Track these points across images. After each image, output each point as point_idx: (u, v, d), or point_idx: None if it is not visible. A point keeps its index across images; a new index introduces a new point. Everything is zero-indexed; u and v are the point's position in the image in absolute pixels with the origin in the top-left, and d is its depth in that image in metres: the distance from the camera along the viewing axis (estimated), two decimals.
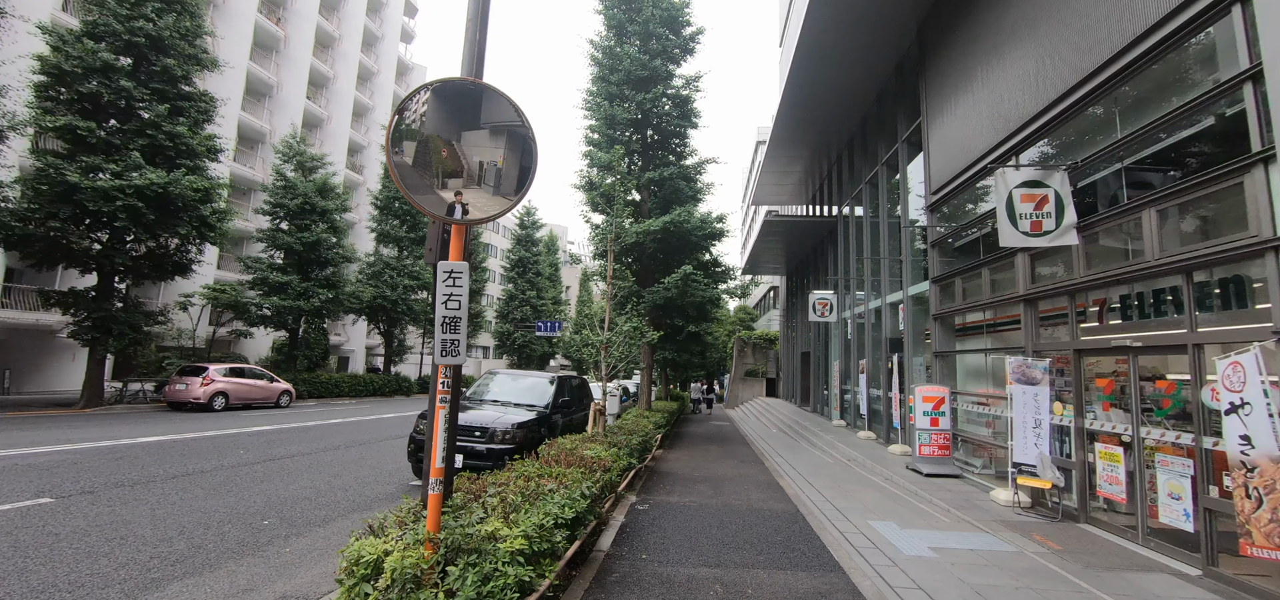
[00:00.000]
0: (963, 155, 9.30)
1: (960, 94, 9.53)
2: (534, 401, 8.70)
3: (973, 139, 9.00)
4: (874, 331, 14.29)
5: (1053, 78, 7.05)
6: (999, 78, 8.33)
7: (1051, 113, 7.03)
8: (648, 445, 8.90)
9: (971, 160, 8.94)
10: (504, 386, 9.31)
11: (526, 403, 8.65)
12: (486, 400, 8.81)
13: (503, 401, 8.72)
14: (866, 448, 11.85)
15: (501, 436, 7.34)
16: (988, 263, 8.55)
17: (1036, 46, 7.42)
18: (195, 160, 16.25)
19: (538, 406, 8.59)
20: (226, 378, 16.97)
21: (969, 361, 10.09)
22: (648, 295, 12.93)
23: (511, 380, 9.46)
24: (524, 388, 9.20)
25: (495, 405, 8.55)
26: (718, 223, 14.06)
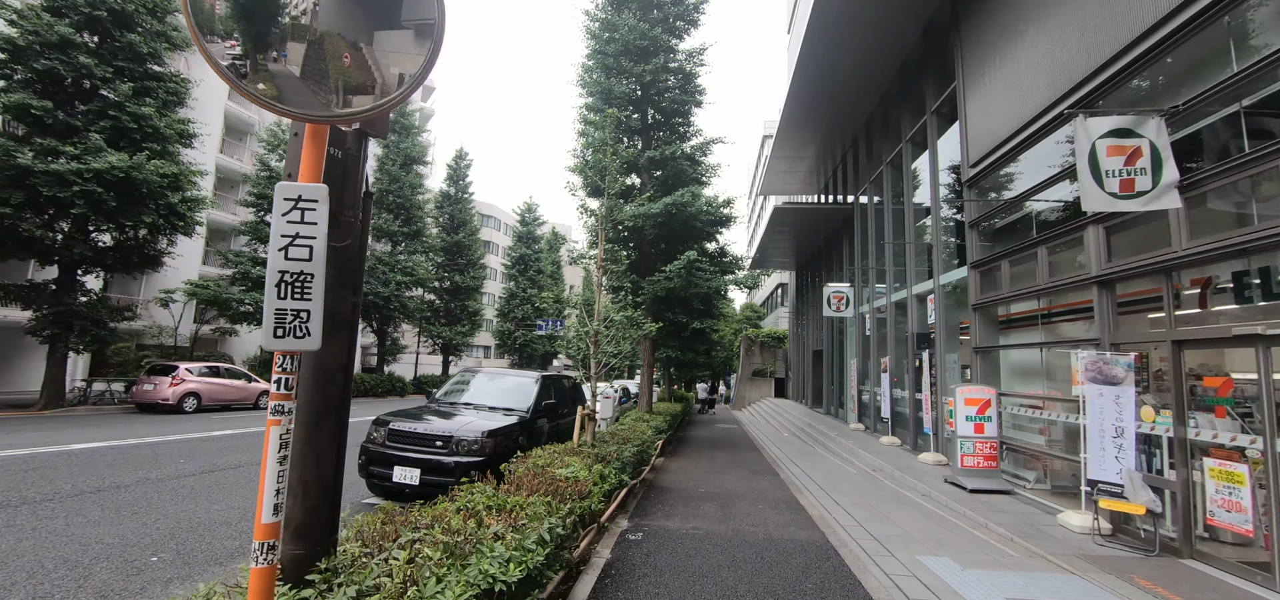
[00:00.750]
0: (1010, 118, 8.01)
1: (1008, 45, 8.24)
2: (513, 404, 7.48)
3: (1024, 96, 7.71)
4: (897, 326, 12.99)
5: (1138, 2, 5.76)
6: (1062, 15, 7.03)
7: (1138, 48, 5.74)
8: (645, 456, 7.67)
9: (1023, 121, 7.65)
10: (480, 387, 8.10)
11: (505, 406, 7.44)
12: (458, 404, 7.60)
13: (477, 405, 7.51)
14: (892, 455, 10.56)
15: (469, 447, 6.12)
16: (1044, 241, 7.27)
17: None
18: (164, 144, 15.14)
19: (518, 410, 7.38)
20: (199, 377, 15.87)
21: (1016, 358, 8.80)
22: (647, 286, 11.70)
23: (489, 380, 8.25)
24: (503, 389, 7.99)
25: (468, 410, 7.34)
26: (724, 207, 12.82)
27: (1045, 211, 7.63)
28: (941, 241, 10.60)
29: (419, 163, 29.31)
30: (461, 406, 7.47)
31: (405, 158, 27.96)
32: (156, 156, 14.69)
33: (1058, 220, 7.27)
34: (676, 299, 12.37)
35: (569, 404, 8.88)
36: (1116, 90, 6.25)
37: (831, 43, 12.05)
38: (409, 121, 28.82)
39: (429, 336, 32.12)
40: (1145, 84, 6.04)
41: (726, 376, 42.76)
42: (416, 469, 6.02)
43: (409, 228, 27.92)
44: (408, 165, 28.23)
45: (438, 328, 31.90)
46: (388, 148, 27.93)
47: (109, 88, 14.42)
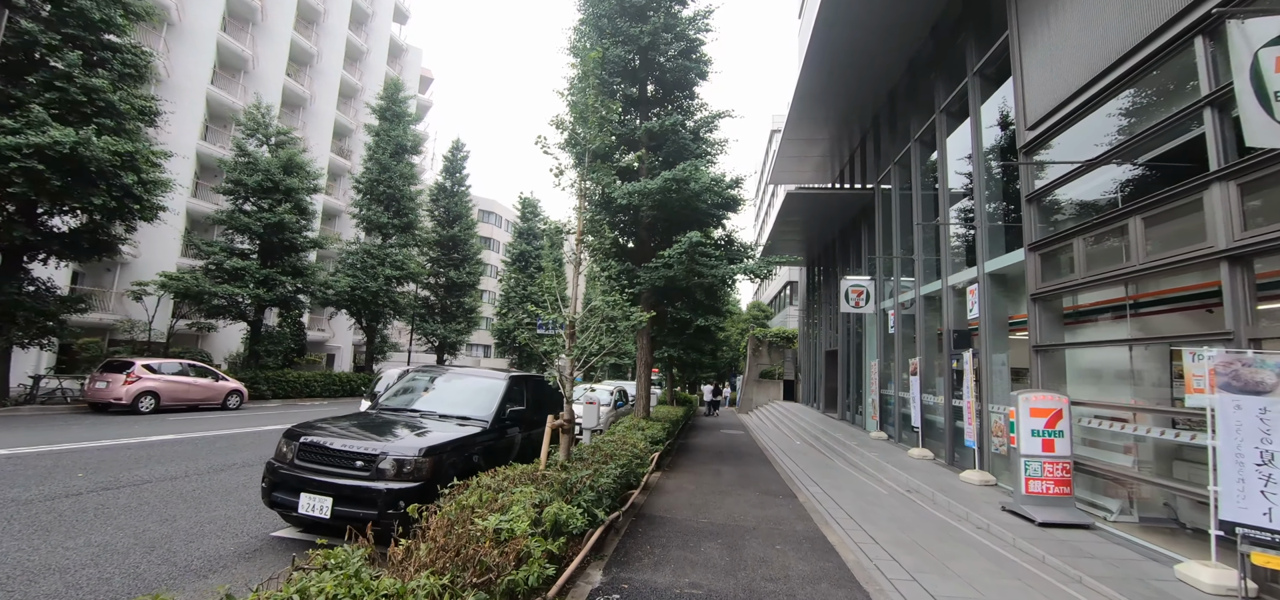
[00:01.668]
0: (1089, 58, 6.50)
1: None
2: (472, 412, 6.04)
3: (1114, 24, 6.19)
4: (928, 323, 11.47)
5: None
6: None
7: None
8: (632, 478, 6.21)
9: (1112, 58, 6.13)
10: (437, 389, 6.67)
11: (460, 413, 6.00)
12: (404, 411, 6.17)
13: (426, 412, 6.09)
14: (927, 472, 9.05)
15: (400, 469, 4.69)
16: (1139, 209, 5.75)
17: None
18: (118, 120, 13.83)
19: (477, 419, 5.94)
20: (158, 375, 14.57)
21: (1085, 359, 7.27)
22: (644, 275, 10.24)
23: (446, 381, 6.82)
24: (462, 392, 6.55)
25: (413, 418, 5.92)
26: (732, 188, 11.33)
27: (1140, 174, 6.12)
28: (986, 223, 9.07)
29: (411, 152, 28.00)
30: (406, 414, 6.04)
31: (396, 146, 26.64)
32: (109, 133, 13.38)
33: (1159, 181, 5.76)
34: (677, 290, 10.90)
35: (543, 410, 7.42)
36: None
37: (851, 4, 10.57)
38: (401, 109, 27.51)
39: (423, 334, 30.80)
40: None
41: (732, 378, 41.24)
42: (328, 498, 4.60)
43: (400, 219, 26.60)
44: (399, 154, 26.92)
45: (432, 325, 30.56)
46: (377, 135, 26.66)
47: (57, 57, 13.16)
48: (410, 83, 37.94)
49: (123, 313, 21.82)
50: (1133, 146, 5.99)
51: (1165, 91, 5.86)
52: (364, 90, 34.73)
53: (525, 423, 6.76)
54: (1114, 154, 6.29)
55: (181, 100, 24.11)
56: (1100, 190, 6.83)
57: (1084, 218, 6.81)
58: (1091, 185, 6.89)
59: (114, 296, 22.25)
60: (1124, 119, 6.37)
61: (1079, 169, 6.77)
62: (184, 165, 24.06)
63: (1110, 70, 6.12)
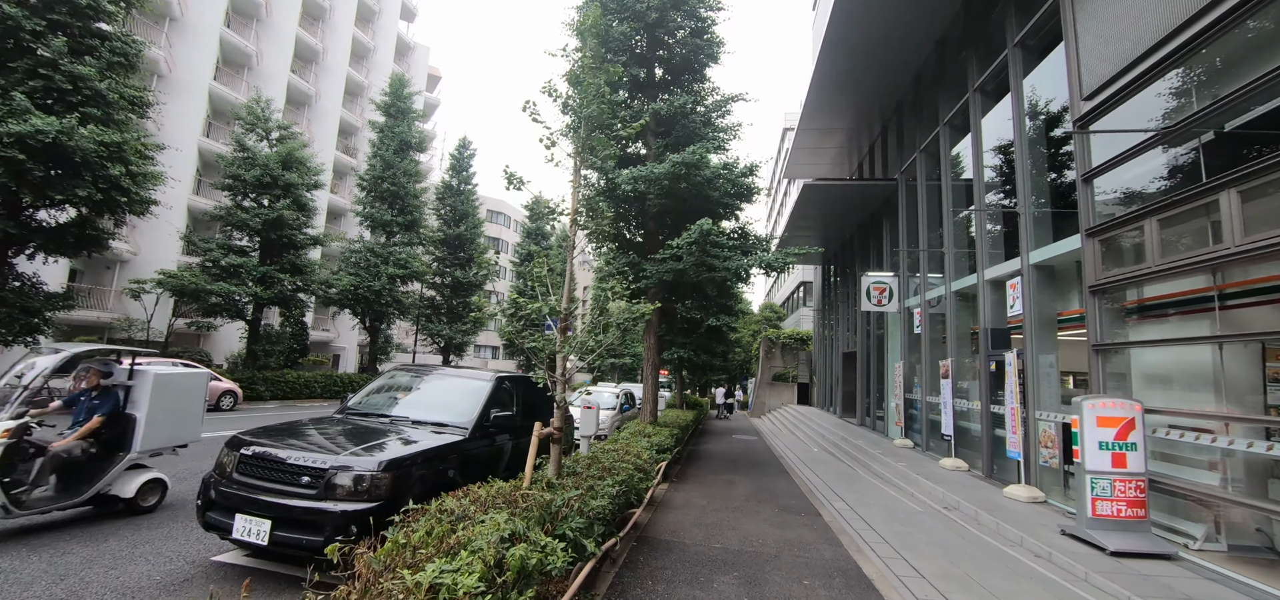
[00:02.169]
0: (1156, 20, 5.60)
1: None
2: (449, 418, 5.27)
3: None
4: (960, 321, 10.55)
5: None
6: None
7: None
8: (634, 494, 5.40)
9: (1189, 13, 5.23)
10: (413, 392, 5.93)
11: (436, 419, 5.24)
12: (373, 416, 5.42)
13: (397, 417, 5.33)
14: (963, 486, 8.15)
15: (352, 487, 3.94)
16: (1235, 180, 4.85)
17: None
18: (106, 109, 13.32)
19: (454, 426, 5.17)
20: None
21: (1151, 360, 6.35)
22: (651, 268, 9.44)
23: (427, 383, 6.07)
24: (440, 395, 5.80)
25: (381, 423, 5.17)
26: (746, 176, 10.50)
27: (1228, 143, 5.21)
28: (1031, 209, 8.16)
29: (416, 149, 27.46)
30: (375, 420, 5.29)
31: (400, 142, 26.10)
32: (96, 123, 12.86)
33: (1248, 150, 4.86)
34: (687, 285, 10.08)
35: (534, 415, 6.63)
36: None
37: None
38: (406, 105, 26.98)
39: (428, 335, 30.22)
40: None
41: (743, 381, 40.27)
42: (266, 520, 3.85)
43: (404, 217, 26.01)
44: (403, 150, 26.37)
45: (437, 326, 29.96)
46: (381, 131, 26.15)
47: (42, 44, 12.68)
48: (417, 81, 37.49)
49: (122, 311, 21.43)
50: (1224, 108, 5.09)
51: (1266, 42, 4.96)
52: (370, 88, 34.30)
53: (516, 430, 5.98)
54: (1203, 116, 5.37)
55: (184, 96, 23.78)
56: (1171, 166, 5.92)
57: (1154, 196, 5.90)
58: (1156, 163, 5.98)
59: (114, 295, 21.88)
60: (1203, 82, 5.47)
61: (1154, 137, 5.86)
62: (186, 162, 23.74)
63: (1193, 22, 5.22)
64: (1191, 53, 5.39)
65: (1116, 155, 6.33)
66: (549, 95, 5.69)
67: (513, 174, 5.26)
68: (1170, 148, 5.83)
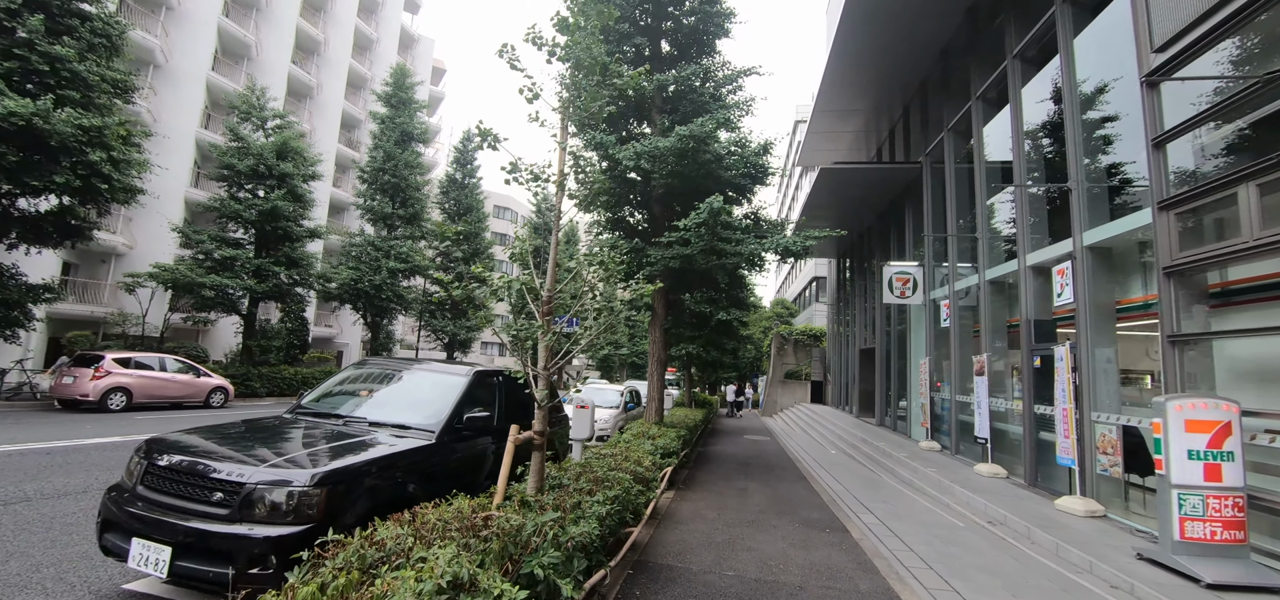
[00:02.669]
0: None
1: None
2: (414, 419, 4.49)
3: None
4: (995, 312, 9.62)
5: None
6: None
7: None
8: (631, 509, 4.57)
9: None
10: (378, 388, 5.15)
11: (397, 420, 4.45)
12: (323, 416, 4.65)
13: (351, 418, 4.55)
14: (1008, 497, 7.25)
15: (275, 507, 3.16)
16: None
17: None
18: (86, 92, 12.72)
19: (418, 429, 4.39)
20: (131, 370, 13.45)
21: (1245, 352, 5.43)
22: (655, 253, 8.61)
23: (392, 378, 5.28)
24: (408, 392, 5.02)
25: (332, 425, 4.40)
26: (760, 154, 9.65)
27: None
28: (1083, 184, 7.23)
29: (418, 140, 26.80)
30: (327, 421, 4.52)
31: (402, 133, 25.44)
32: (76, 106, 12.25)
33: None
34: (696, 274, 9.23)
35: (513, 417, 5.82)
36: None
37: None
38: (407, 96, 26.32)
39: (431, 331, 29.61)
40: None
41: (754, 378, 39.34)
42: (167, 548, 3.07)
43: (406, 210, 25.37)
44: (405, 142, 25.71)
45: (441, 321, 29.33)
46: (382, 122, 25.52)
47: (18, 23, 12.09)
48: (421, 73, 36.89)
49: (117, 306, 20.96)
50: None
51: None
52: (373, 80, 33.71)
53: (498, 434, 5.18)
54: None
55: (181, 86, 23.31)
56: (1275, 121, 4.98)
57: (1245, 160, 4.97)
58: (1250, 120, 5.04)
59: (109, 289, 21.43)
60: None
61: (1255, 84, 4.92)
62: (183, 154, 23.28)
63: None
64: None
65: (1200, 113, 5.40)
66: (533, 43, 4.88)
67: (487, 131, 4.46)
68: (1273, 100, 4.89)
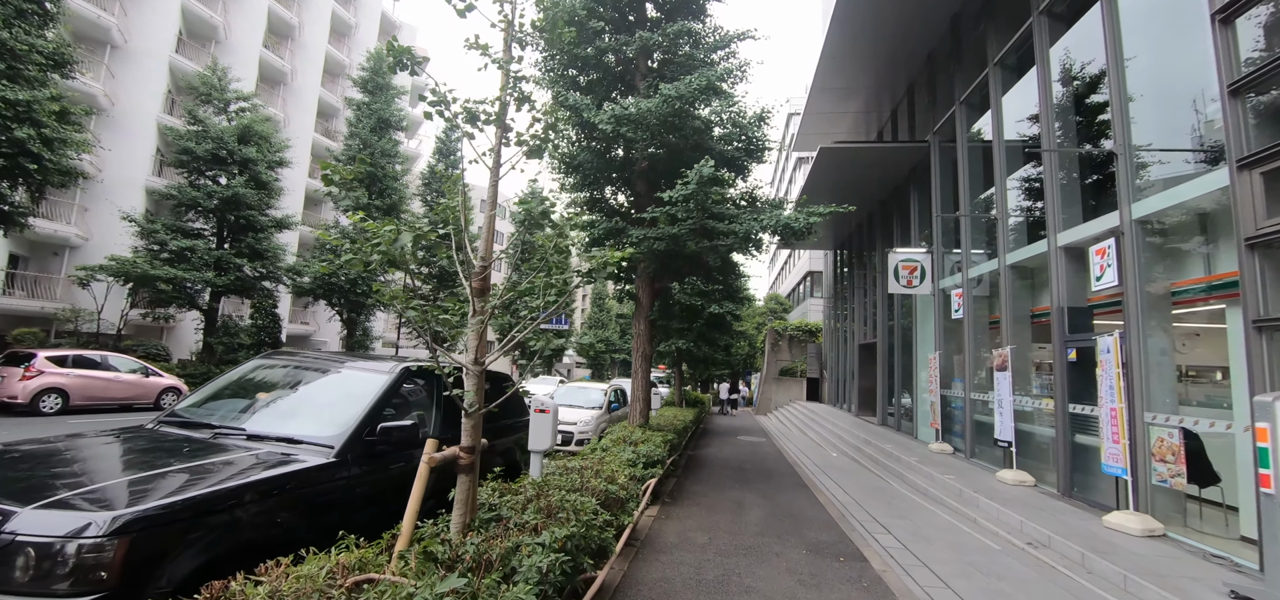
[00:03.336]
0: None
1: None
2: (304, 430, 3.41)
3: None
4: (1017, 301, 8.66)
5: None
6: None
7: None
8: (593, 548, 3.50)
9: None
10: (272, 390, 4.06)
11: (284, 432, 3.38)
12: (192, 425, 3.56)
13: (227, 428, 3.47)
14: (1042, 510, 6.28)
15: (44, 568, 2.08)
16: None
17: None
18: (12, 63, 11.47)
19: (313, 443, 3.31)
20: (67, 370, 12.24)
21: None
22: (638, 234, 7.54)
23: (296, 376, 4.19)
24: (307, 395, 3.94)
25: (196, 438, 3.32)
26: (758, 124, 8.63)
27: None
28: (1128, 148, 6.25)
29: (397, 128, 25.56)
30: (192, 432, 3.44)
31: (378, 120, 24.19)
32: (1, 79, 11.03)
33: None
34: (684, 258, 8.18)
35: (443, 428, 4.73)
36: None
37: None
38: (385, 81, 25.06)
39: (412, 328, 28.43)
40: None
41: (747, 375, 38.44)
42: None
43: (382, 201, 24.13)
44: (382, 128, 24.46)
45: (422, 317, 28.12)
46: (358, 109, 24.26)
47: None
48: None
49: (70, 301, 19.61)
50: None
51: None
52: (351, 67, 32.34)
53: (411, 445, 4.08)
54: None
55: (141, 69, 21.92)
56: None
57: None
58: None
59: (62, 283, 20.07)
60: None
61: None
62: (144, 139, 21.93)
63: None
64: None
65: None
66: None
67: (402, 50, 3.39)
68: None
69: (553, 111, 3.43)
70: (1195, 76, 5.69)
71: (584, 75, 9.01)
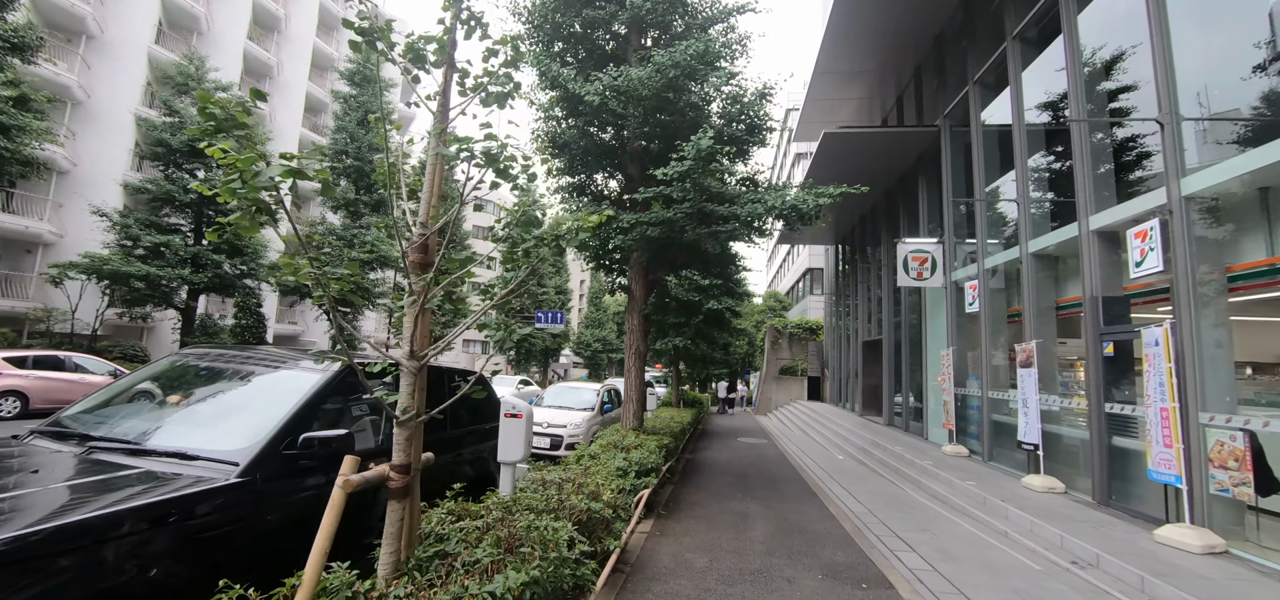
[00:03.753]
0: None
1: None
2: (204, 444, 2.73)
3: None
4: (1041, 292, 8.01)
5: None
6: None
7: None
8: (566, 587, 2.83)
9: None
10: (184, 392, 3.37)
11: (179, 446, 2.69)
12: (72, 435, 2.88)
13: (105, 443, 2.78)
14: (1080, 522, 5.63)
15: None
16: None
17: None
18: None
19: (209, 459, 2.63)
20: (27, 371, 11.53)
21: None
22: (628, 220, 6.86)
23: (217, 374, 3.50)
24: (220, 398, 3.26)
25: (65, 450, 2.63)
26: (761, 99, 7.96)
27: None
28: (1174, 114, 5.60)
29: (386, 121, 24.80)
30: (65, 443, 2.76)
31: (365, 113, 23.47)
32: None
33: None
34: (680, 247, 7.50)
35: (475, 432, 4.09)
36: None
37: None
38: (370, 72, 24.32)
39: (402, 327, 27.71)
40: None
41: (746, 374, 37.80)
42: None
43: (371, 196, 23.40)
44: (368, 122, 23.74)
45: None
46: (345, 102, 23.53)
47: None
48: None
49: (43, 300, 18.85)
50: None
51: None
52: (340, 61, 31.62)
53: (326, 460, 3.40)
54: None
55: (118, 60, 21.18)
56: None
57: None
58: None
59: (36, 282, 19.30)
60: None
61: None
62: (121, 133, 21.16)
63: None
64: None
65: None
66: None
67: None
68: None
69: (511, 43, 2.76)
70: (1253, 30, 5.04)
71: (573, 53, 8.33)
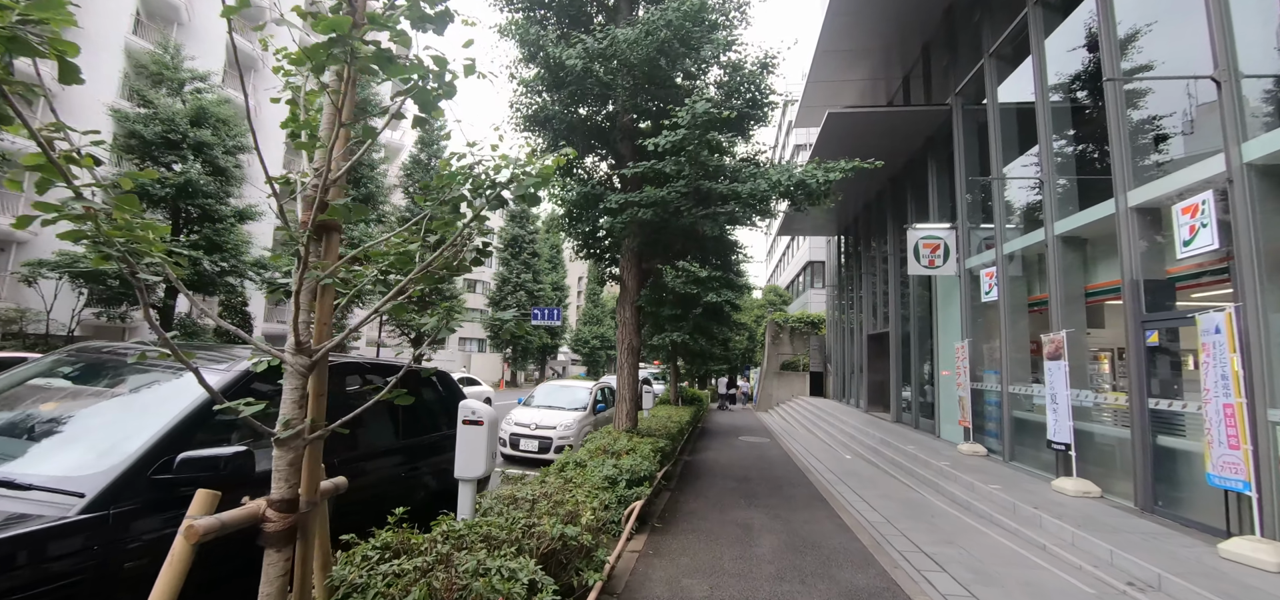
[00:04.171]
0: None
1: None
2: (46, 466, 2.06)
3: None
4: (1069, 277, 7.35)
5: None
6: None
7: None
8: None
9: None
10: (54, 396, 2.70)
11: (9, 475, 2.02)
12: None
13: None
14: (1128, 533, 4.99)
15: None
16: None
17: None
18: None
19: (40, 489, 1.95)
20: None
21: None
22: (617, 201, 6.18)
23: (97, 375, 2.83)
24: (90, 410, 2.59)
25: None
26: (760, 73, 7.28)
27: None
28: (1234, 80, 4.94)
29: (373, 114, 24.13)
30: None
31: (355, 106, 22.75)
32: None
33: None
34: (675, 230, 6.82)
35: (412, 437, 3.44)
36: None
37: None
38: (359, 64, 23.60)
39: (397, 326, 27.04)
40: None
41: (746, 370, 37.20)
42: None
43: (358, 191, 22.74)
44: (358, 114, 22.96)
45: (407, 315, 26.73)
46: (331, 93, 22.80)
47: None
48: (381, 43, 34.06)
49: (16, 300, 18.15)
50: None
51: None
52: None
53: (192, 490, 2.75)
54: None
55: (94, 51, 20.40)
56: None
57: None
58: None
59: (9, 282, 18.61)
60: None
61: None
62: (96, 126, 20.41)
63: None
64: None
65: None
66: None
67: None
68: None
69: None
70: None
71: (558, 25, 7.65)
